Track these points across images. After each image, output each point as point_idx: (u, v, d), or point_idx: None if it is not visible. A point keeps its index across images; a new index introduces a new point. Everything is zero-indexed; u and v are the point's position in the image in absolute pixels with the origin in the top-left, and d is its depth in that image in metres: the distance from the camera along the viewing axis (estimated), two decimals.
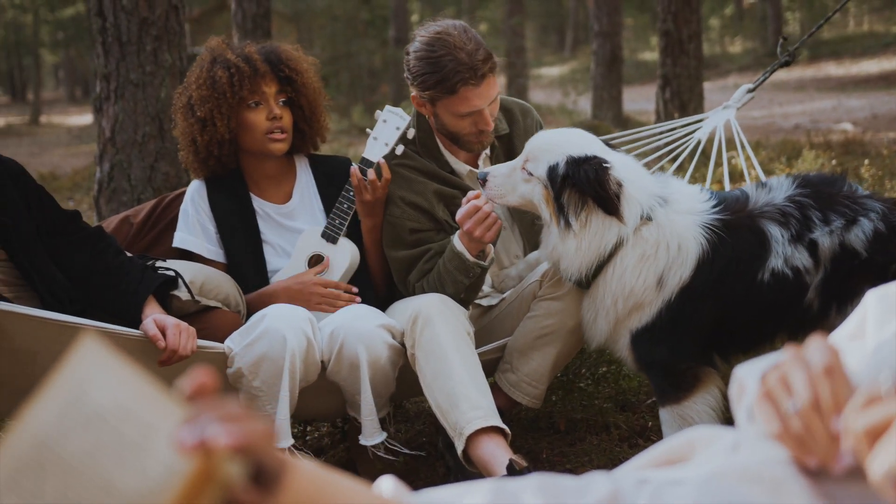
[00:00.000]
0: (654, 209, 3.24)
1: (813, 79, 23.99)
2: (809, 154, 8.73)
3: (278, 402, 3.35)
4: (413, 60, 3.61)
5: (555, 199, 3.23)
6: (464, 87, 3.52)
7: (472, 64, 3.50)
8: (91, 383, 1.03)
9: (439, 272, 3.60)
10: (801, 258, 3.23)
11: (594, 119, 14.89)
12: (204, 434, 0.99)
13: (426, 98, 3.63)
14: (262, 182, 3.89)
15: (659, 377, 3.41)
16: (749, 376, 1.49)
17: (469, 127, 3.63)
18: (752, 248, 3.24)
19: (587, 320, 3.46)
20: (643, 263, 3.25)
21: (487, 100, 3.58)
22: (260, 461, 1.04)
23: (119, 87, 5.85)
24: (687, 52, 10.45)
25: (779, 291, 3.23)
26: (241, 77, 3.69)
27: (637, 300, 3.28)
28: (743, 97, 4.67)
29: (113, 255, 3.46)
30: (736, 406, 1.56)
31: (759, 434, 1.45)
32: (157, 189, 5.79)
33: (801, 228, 3.24)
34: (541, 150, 3.29)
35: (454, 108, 3.58)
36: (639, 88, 24.81)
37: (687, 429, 1.59)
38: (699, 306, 3.26)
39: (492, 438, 3.28)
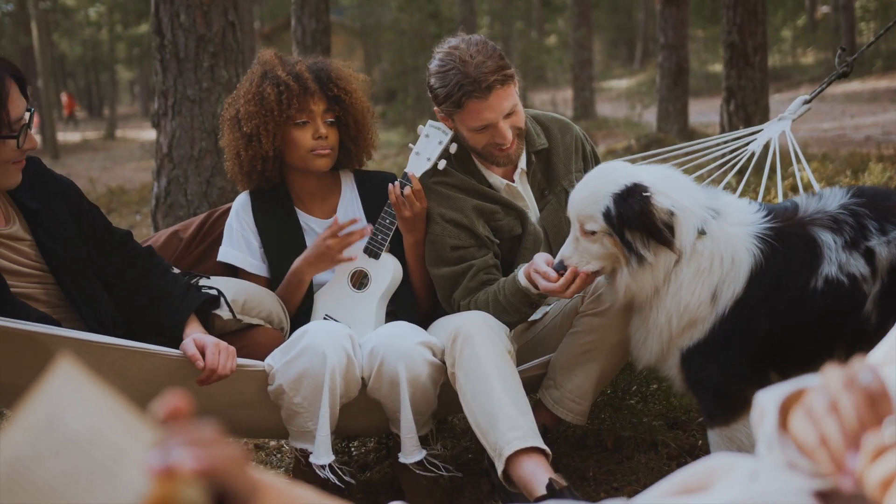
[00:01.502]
0: (708, 222, 3.15)
1: (887, 90, 23.58)
2: (876, 167, 8.55)
3: (319, 418, 3.35)
4: (430, 77, 3.63)
5: (620, 239, 3.15)
6: (468, 100, 3.49)
7: (477, 76, 3.46)
8: (65, 407, 1.02)
9: (497, 301, 3.56)
10: (858, 265, 3.11)
11: (659, 132, 14.77)
12: (170, 458, 0.97)
13: (444, 113, 3.64)
14: (307, 197, 3.89)
15: (708, 398, 3.32)
16: (769, 402, 1.45)
17: (486, 140, 3.59)
18: (803, 256, 3.14)
19: (637, 340, 3.38)
20: (698, 278, 3.16)
21: (500, 112, 3.53)
22: (227, 486, 1.01)
23: (176, 103, 5.92)
24: (752, 65, 10.31)
25: (834, 300, 3.12)
26: (290, 95, 3.69)
27: (692, 316, 3.20)
28: (799, 108, 4.58)
29: (159, 275, 3.48)
30: (756, 433, 1.51)
31: (779, 463, 1.40)
32: (212, 203, 5.85)
33: (855, 236, 3.13)
34: (585, 205, 3.20)
35: (466, 123, 3.57)
36: (707, 100, 24.57)
37: (707, 456, 1.54)
38: (752, 319, 3.16)
39: (532, 458, 3.23)
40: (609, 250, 3.21)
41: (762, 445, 1.46)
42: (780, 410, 1.43)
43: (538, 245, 3.76)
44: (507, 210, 3.72)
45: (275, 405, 3.44)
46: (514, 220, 3.73)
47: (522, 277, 3.47)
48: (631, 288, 3.22)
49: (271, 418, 3.49)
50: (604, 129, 19.73)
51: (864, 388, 1.25)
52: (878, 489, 1.15)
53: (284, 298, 3.75)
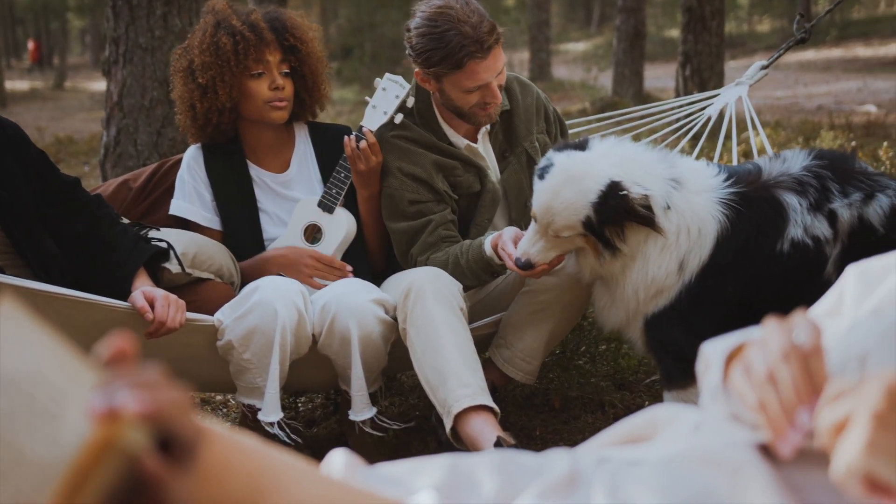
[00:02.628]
0: (671, 195, 3.12)
1: (840, 59, 23.77)
2: (828, 135, 8.62)
3: (268, 374, 3.32)
4: (416, 38, 3.52)
5: (599, 240, 3.14)
6: (470, 60, 3.44)
7: (478, 37, 3.42)
8: (4, 347, 0.98)
9: (458, 264, 3.54)
10: (822, 228, 3.14)
11: (614, 95, 14.78)
12: (114, 400, 0.94)
13: (431, 74, 3.56)
14: (260, 150, 3.83)
15: (669, 361, 3.33)
16: (714, 354, 1.44)
17: (476, 100, 3.55)
18: (770, 219, 3.15)
19: (601, 307, 3.39)
20: (665, 252, 3.16)
21: (494, 72, 3.51)
22: (172, 430, 0.99)
23: (128, 51, 5.82)
24: (709, 30, 10.33)
25: (800, 262, 3.15)
26: (247, 46, 3.62)
27: (658, 287, 3.20)
28: (756, 74, 4.59)
29: (108, 226, 3.42)
30: (700, 384, 1.51)
31: (722, 415, 1.40)
32: (162, 154, 5.76)
33: (819, 198, 3.15)
34: (563, 215, 3.12)
35: (461, 83, 3.51)
36: (664, 65, 24.62)
37: (650, 407, 1.54)
38: (719, 283, 3.18)
39: (480, 416, 3.23)
40: (578, 244, 3.22)
41: (706, 397, 1.46)
42: (724, 362, 1.43)
43: (496, 203, 3.74)
44: (466, 167, 3.69)
45: (223, 360, 3.41)
46: (473, 177, 3.71)
47: (489, 247, 3.46)
48: (598, 271, 3.24)
49: (219, 373, 3.46)
50: (559, 91, 19.70)
51: (800, 352, 1.25)
52: (829, 434, 1.15)
53: (245, 275, 3.71)
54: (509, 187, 3.76)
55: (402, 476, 1.39)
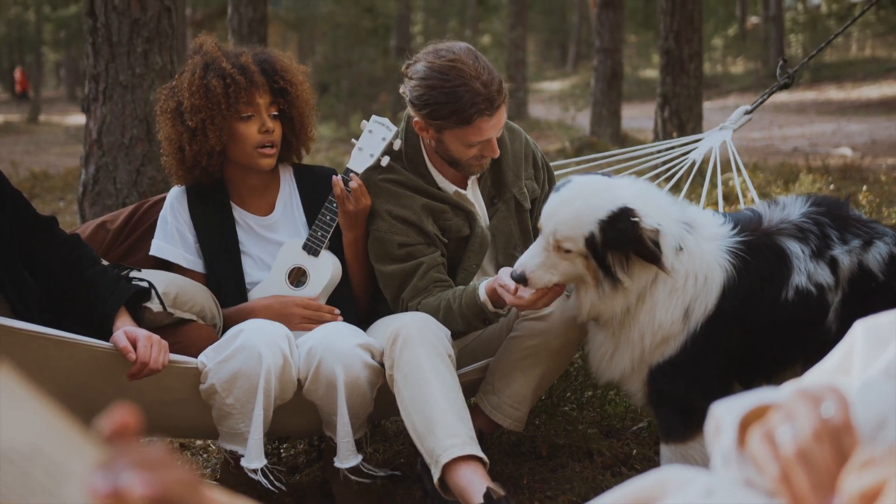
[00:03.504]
0: (684, 237, 3.07)
1: (814, 102, 24.01)
2: (807, 178, 8.66)
3: (252, 420, 3.26)
4: (422, 88, 3.45)
5: (599, 265, 3.05)
6: (479, 118, 3.42)
7: (489, 95, 3.40)
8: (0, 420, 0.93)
9: (450, 309, 3.48)
10: (824, 275, 3.11)
11: (592, 135, 14.84)
12: (118, 481, 0.89)
13: (433, 126, 3.51)
14: (245, 192, 3.78)
15: (670, 413, 3.26)
16: (727, 415, 1.40)
17: (475, 153, 3.53)
18: (774, 267, 3.11)
19: (600, 356, 3.30)
20: (672, 297, 3.09)
21: (498, 129, 3.51)
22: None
23: (108, 88, 5.75)
24: (687, 72, 10.39)
25: (803, 310, 3.11)
26: (237, 89, 3.56)
27: (665, 334, 3.13)
28: (740, 119, 4.60)
29: (87, 265, 3.36)
30: (711, 446, 1.47)
31: (736, 480, 1.36)
32: (142, 193, 5.69)
33: (820, 245, 3.13)
34: (568, 225, 3.05)
35: (466, 138, 3.47)
36: (640, 106, 24.81)
37: (659, 468, 1.49)
38: (724, 333, 3.13)
39: (469, 466, 3.17)
40: (578, 270, 3.11)
41: (718, 460, 1.42)
42: (739, 425, 1.38)
43: (484, 248, 3.70)
44: (455, 210, 3.65)
45: (205, 405, 3.34)
46: (463, 221, 3.66)
47: (483, 292, 3.40)
48: (597, 307, 3.15)
49: (201, 418, 3.39)
50: (536, 130, 19.77)
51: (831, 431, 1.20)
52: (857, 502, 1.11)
53: (228, 322, 3.64)
54: (498, 233, 3.72)
55: None
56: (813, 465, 1.18)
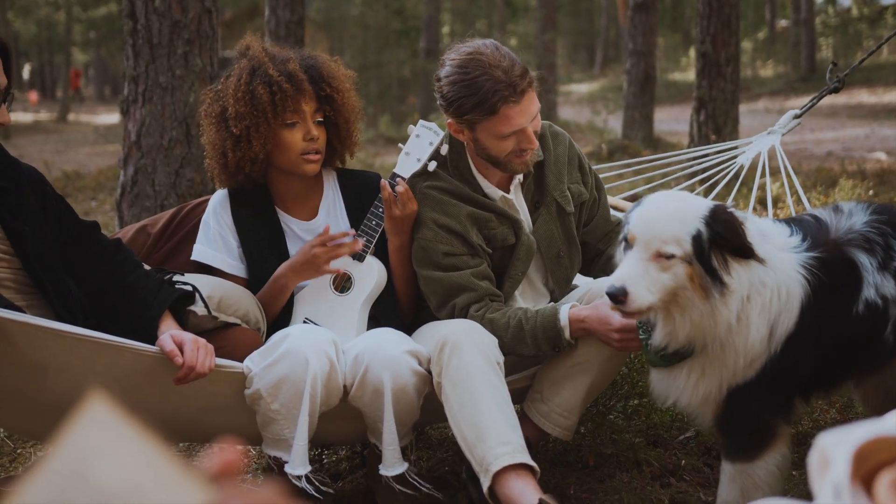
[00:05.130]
0: (763, 247, 2.93)
1: (845, 106, 23.79)
2: (847, 183, 8.55)
3: (297, 426, 3.22)
4: (447, 86, 3.42)
5: (706, 269, 2.86)
6: (504, 105, 3.34)
7: (511, 81, 3.33)
8: (97, 455, 0.87)
9: (520, 328, 3.41)
10: (889, 287, 3.03)
11: (624, 139, 14.75)
12: None
13: (464, 123, 3.45)
14: (289, 197, 3.74)
15: (739, 433, 3.12)
16: (838, 447, 1.33)
17: (512, 147, 3.44)
18: (848, 281, 3.01)
19: (681, 382, 3.11)
20: (762, 314, 2.95)
21: (529, 116, 3.41)
22: None
23: (147, 90, 5.74)
24: (724, 76, 10.29)
25: (870, 323, 3.03)
26: (284, 97, 3.51)
27: (754, 354, 2.99)
28: (789, 123, 4.53)
29: (130, 269, 3.33)
30: (817, 478, 1.40)
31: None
32: (181, 195, 5.68)
33: (885, 256, 3.04)
34: (672, 226, 2.85)
35: (496, 130, 3.40)
36: (668, 108, 24.68)
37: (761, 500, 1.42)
38: (802, 352, 3.01)
39: (520, 476, 3.12)
40: (679, 282, 2.88)
41: (828, 493, 1.36)
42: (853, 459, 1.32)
43: (530, 256, 3.64)
44: (501, 219, 3.58)
45: (250, 410, 3.30)
46: (508, 230, 3.60)
47: (565, 316, 3.37)
48: (701, 326, 2.95)
49: (246, 423, 3.35)
50: None
51: None
52: None
53: (265, 304, 3.61)
54: (540, 239, 3.65)
55: None
56: None
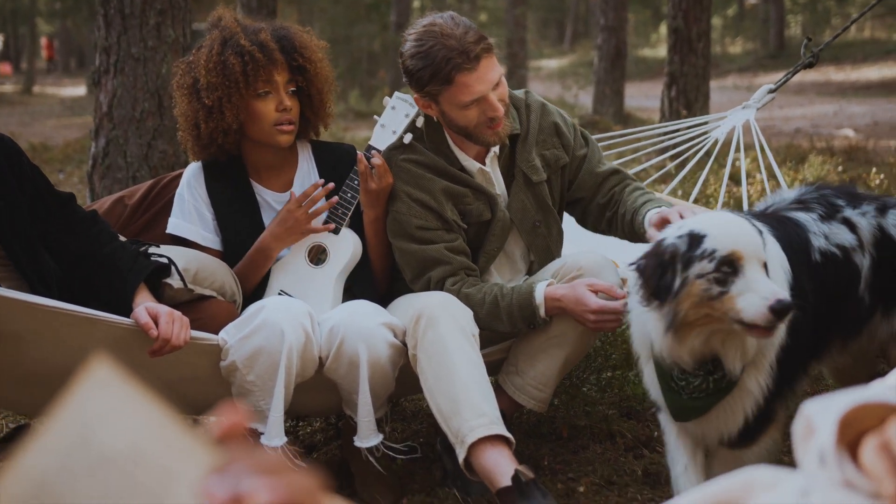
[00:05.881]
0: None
1: (813, 83, 23.93)
2: (816, 160, 8.61)
3: (273, 397, 3.22)
4: (408, 60, 3.41)
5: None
6: (458, 73, 3.33)
7: (463, 48, 3.31)
8: (101, 419, 0.86)
9: (496, 304, 3.43)
10: (843, 235, 3.03)
11: (595, 114, 14.77)
12: (239, 487, 0.83)
13: (428, 97, 3.45)
14: (263, 169, 3.72)
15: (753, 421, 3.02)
16: (822, 415, 1.35)
17: (478, 117, 3.42)
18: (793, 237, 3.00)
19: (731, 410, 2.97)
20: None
21: (489, 83, 3.38)
22: None
23: (119, 60, 5.68)
24: (695, 51, 10.31)
25: (834, 275, 3.03)
26: (256, 67, 3.49)
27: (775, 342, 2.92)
28: (764, 97, 4.56)
29: (106, 242, 3.32)
30: (801, 446, 1.42)
31: (833, 481, 1.31)
32: (153, 167, 5.63)
33: (828, 210, 3.07)
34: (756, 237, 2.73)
35: (457, 99, 3.38)
36: (639, 84, 24.72)
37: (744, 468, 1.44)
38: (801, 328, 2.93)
39: (495, 447, 3.14)
40: None
41: (813, 460, 1.37)
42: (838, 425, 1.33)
43: (506, 232, 3.63)
44: (476, 194, 3.58)
45: (225, 382, 3.30)
46: (484, 205, 3.59)
47: (541, 293, 3.37)
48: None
49: (221, 395, 3.34)
50: None
51: None
52: None
53: (245, 276, 3.60)
54: (514, 211, 3.64)
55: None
56: None
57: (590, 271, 3.47)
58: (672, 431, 3.16)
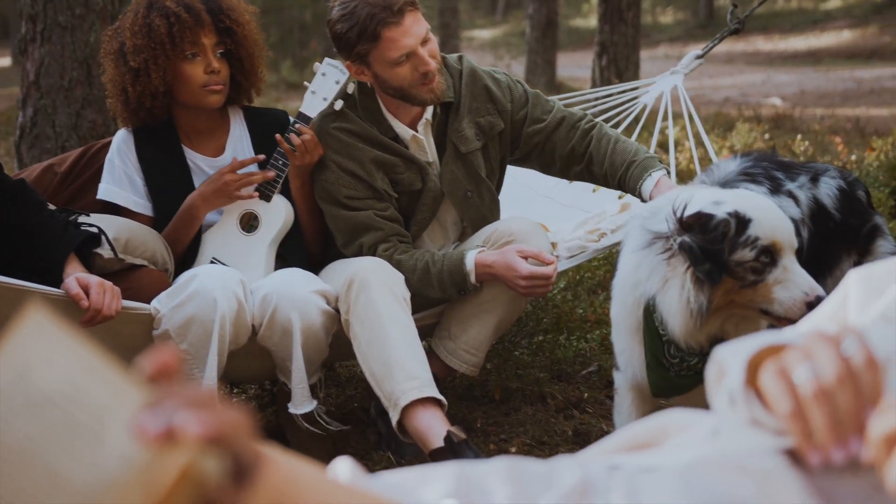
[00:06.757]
0: None
1: (742, 53, 24.15)
2: (743, 127, 8.75)
3: (206, 365, 3.23)
4: (335, 26, 3.43)
5: None
6: (384, 28, 3.34)
7: (386, 3, 3.33)
8: (37, 360, 0.88)
9: (427, 271, 3.46)
10: (791, 208, 3.06)
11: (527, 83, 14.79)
12: (171, 421, 0.86)
13: (359, 61, 3.46)
14: (194, 134, 3.71)
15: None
16: (732, 358, 1.40)
17: (411, 74, 3.43)
18: None
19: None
20: None
21: (416, 37, 3.40)
22: (235, 454, 0.91)
23: (46, 29, 5.59)
24: (625, 20, 10.39)
25: None
26: (182, 28, 3.48)
27: None
28: (691, 63, 4.61)
29: (35, 211, 3.28)
30: (713, 389, 1.47)
31: (742, 420, 1.36)
32: (82, 137, 5.56)
33: (773, 183, 3.10)
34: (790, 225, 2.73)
35: (386, 56, 3.39)
36: (571, 54, 24.76)
37: (660, 412, 1.49)
38: None
39: (428, 409, 3.19)
40: None
41: (723, 401, 1.42)
42: (747, 366, 1.39)
43: (437, 202, 3.66)
44: (407, 164, 3.59)
45: None
46: (415, 175, 3.61)
47: (471, 260, 3.41)
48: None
49: None
50: None
51: (854, 373, 1.20)
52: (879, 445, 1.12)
53: (174, 237, 3.59)
54: (445, 182, 3.66)
55: (410, 485, 1.33)
56: (832, 405, 1.18)
57: (520, 237, 3.51)
58: (628, 398, 3.20)
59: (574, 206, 4.43)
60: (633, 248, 2.88)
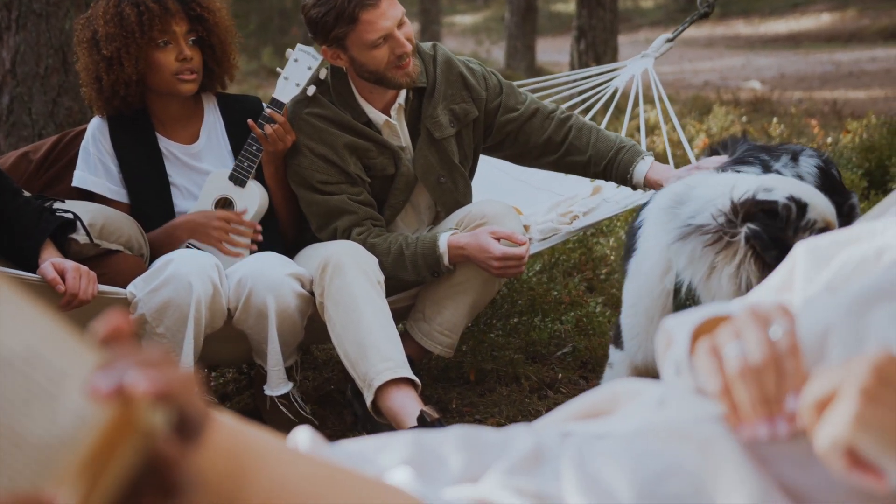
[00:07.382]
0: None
1: (723, 36, 24.20)
2: (720, 110, 8.79)
3: (182, 349, 3.26)
4: (311, 11, 3.46)
5: None
6: (362, 10, 3.38)
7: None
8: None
9: (401, 254, 3.50)
10: None
11: (507, 69, 14.82)
12: (121, 380, 0.90)
13: (336, 45, 3.49)
14: (168, 121, 3.74)
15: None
16: (679, 328, 1.45)
17: (388, 56, 3.47)
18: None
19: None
20: None
21: (393, 19, 3.44)
22: (182, 410, 0.95)
23: (21, 16, 5.59)
24: (603, 5, 10.43)
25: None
26: (151, 16, 3.50)
27: None
28: (661, 47, 4.65)
29: (9, 198, 3.31)
30: (661, 359, 1.52)
31: (687, 389, 1.41)
32: (59, 124, 5.56)
33: (762, 167, 3.12)
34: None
35: (364, 39, 3.43)
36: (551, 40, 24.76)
37: (610, 382, 1.54)
38: None
39: (401, 390, 3.23)
40: None
41: (670, 370, 1.47)
42: (692, 337, 1.44)
43: (410, 187, 3.70)
44: (380, 149, 3.63)
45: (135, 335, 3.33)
46: (388, 160, 3.65)
47: (444, 243, 3.45)
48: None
49: None
50: None
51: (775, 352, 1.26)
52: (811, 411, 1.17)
53: (155, 246, 3.62)
54: (418, 167, 3.70)
55: (367, 453, 1.38)
56: (755, 384, 1.24)
57: (493, 219, 3.56)
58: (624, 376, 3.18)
59: (546, 188, 4.47)
60: (662, 238, 2.86)
